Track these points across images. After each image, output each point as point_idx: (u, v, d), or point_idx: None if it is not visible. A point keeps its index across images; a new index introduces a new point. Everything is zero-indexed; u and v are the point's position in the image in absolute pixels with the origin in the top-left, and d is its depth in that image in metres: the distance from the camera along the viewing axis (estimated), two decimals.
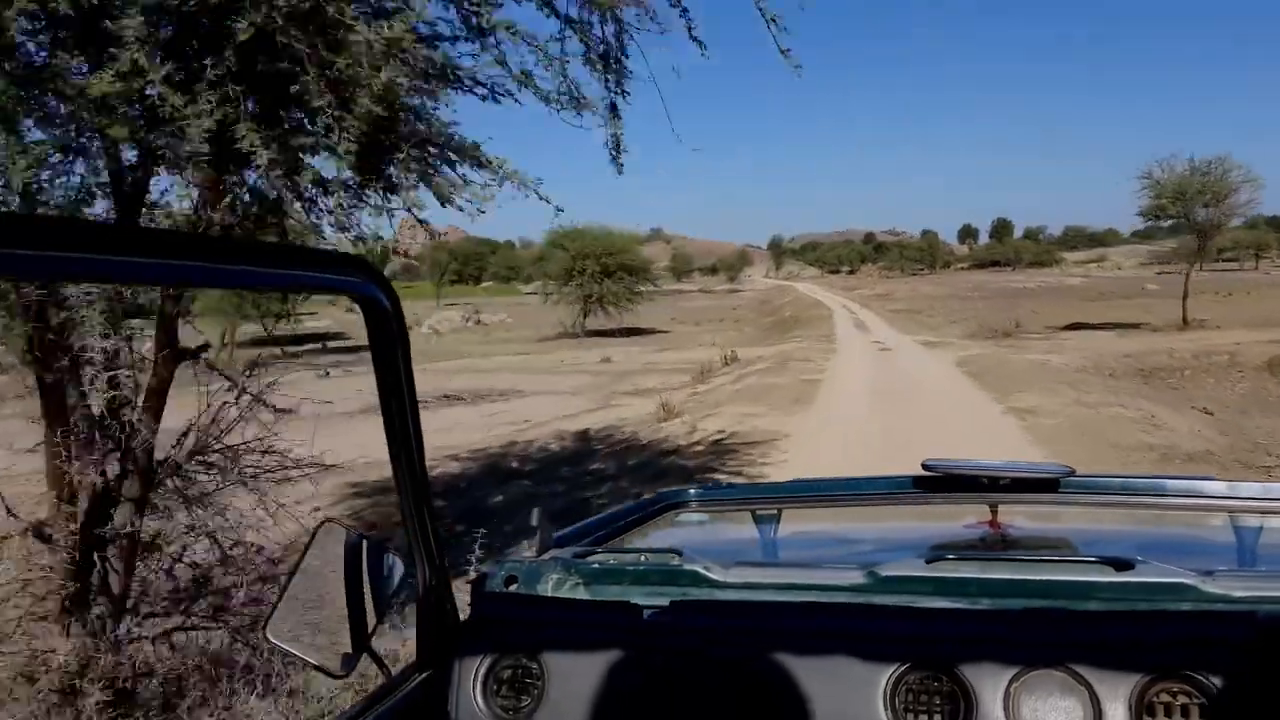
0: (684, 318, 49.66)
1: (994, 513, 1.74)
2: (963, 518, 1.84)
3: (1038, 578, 1.26)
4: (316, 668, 1.23)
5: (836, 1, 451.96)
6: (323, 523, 1.28)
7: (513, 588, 1.44)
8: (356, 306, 0.99)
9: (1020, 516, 1.81)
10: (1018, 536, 1.72)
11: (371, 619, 1.25)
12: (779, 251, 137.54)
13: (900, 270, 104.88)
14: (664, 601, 1.31)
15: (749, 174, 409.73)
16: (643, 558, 1.49)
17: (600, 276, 33.20)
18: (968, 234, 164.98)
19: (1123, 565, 1.22)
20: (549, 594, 1.43)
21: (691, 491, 1.99)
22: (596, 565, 1.48)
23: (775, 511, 1.84)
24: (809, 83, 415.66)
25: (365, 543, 1.28)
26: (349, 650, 1.22)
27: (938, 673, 1.12)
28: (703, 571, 1.39)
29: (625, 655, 1.23)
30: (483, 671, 1.28)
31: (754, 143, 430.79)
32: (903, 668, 1.13)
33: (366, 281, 0.96)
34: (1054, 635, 1.12)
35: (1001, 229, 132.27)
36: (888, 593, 1.29)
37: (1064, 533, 1.86)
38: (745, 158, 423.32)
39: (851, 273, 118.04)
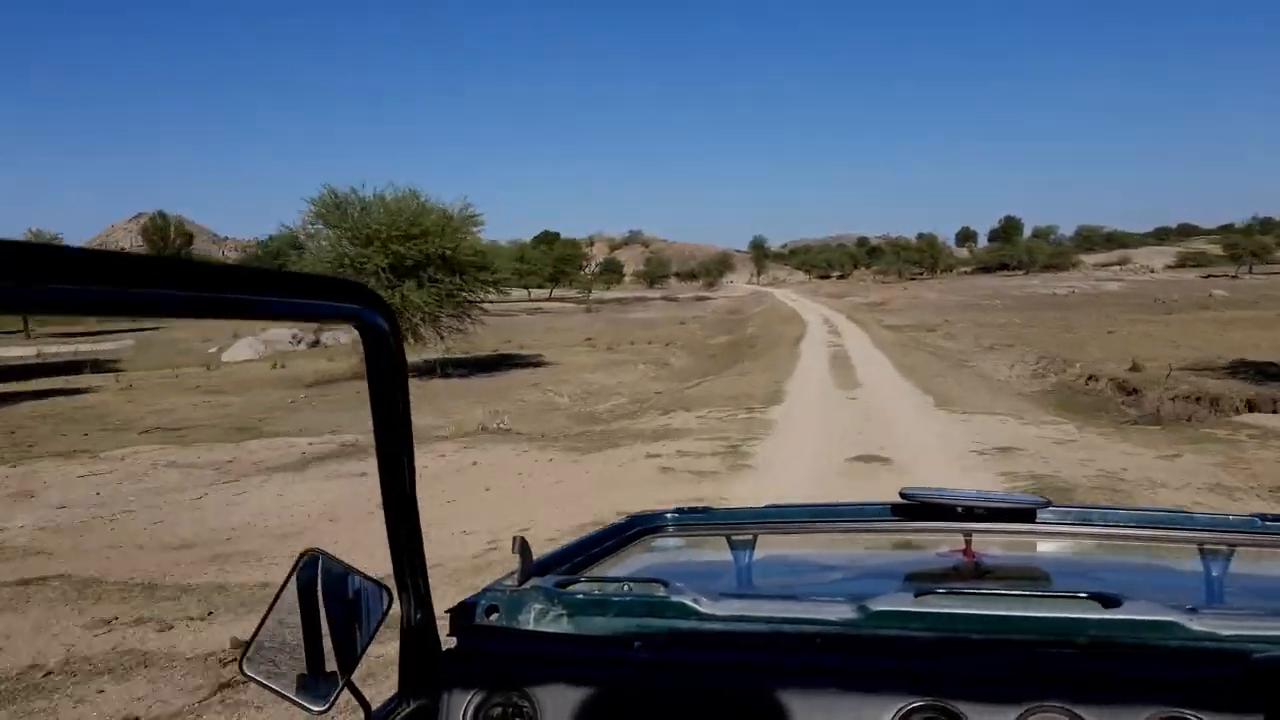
0: (607, 337, 36.02)
1: (968, 542, 1.70)
2: (936, 545, 1.79)
3: (1028, 614, 1.22)
4: (294, 702, 1.16)
5: (837, 8, 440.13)
6: (305, 553, 1.22)
7: (493, 618, 1.38)
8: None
9: (993, 546, 1.76)
10: (992, 565, 1.69)
11: (352, 651, 1.20)
12: (761, 254, 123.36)
13: (898, 274, 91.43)
14: (650, 634, 1.30)
15: (740, 177, 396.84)
16: (626, 587, 1.44)
17: (392, 276, 19.05)
18: (967, 237, 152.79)
19: (1110, 602, 1.20)
20: (532, 625, 1.37)
21: (668, 515, 1.93)
22: (581, 596, 1.40)
23: (751, 537, 1.79)
24: (800, 86, 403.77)
25: (348, 573, 1.24)
26: (328, 684, 1.17)
27: (941, 712, 1.12)
28: (690, 604, 1.32)
29: (619, 692, 1.22)
30: (471, 709, 1.26)
31: (744, 144, 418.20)
32: (907, 706, 1.12)
33: (365, 307, 0.96)
34: (1052, 673, 1.12)
35: (1009, 228, 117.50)
36: (878, 627, 1.25)
37: (1037, 563, 1.81)
38: (735, 160, 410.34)
39: (842, 277, 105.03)
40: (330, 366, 23.81)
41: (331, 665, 1.17)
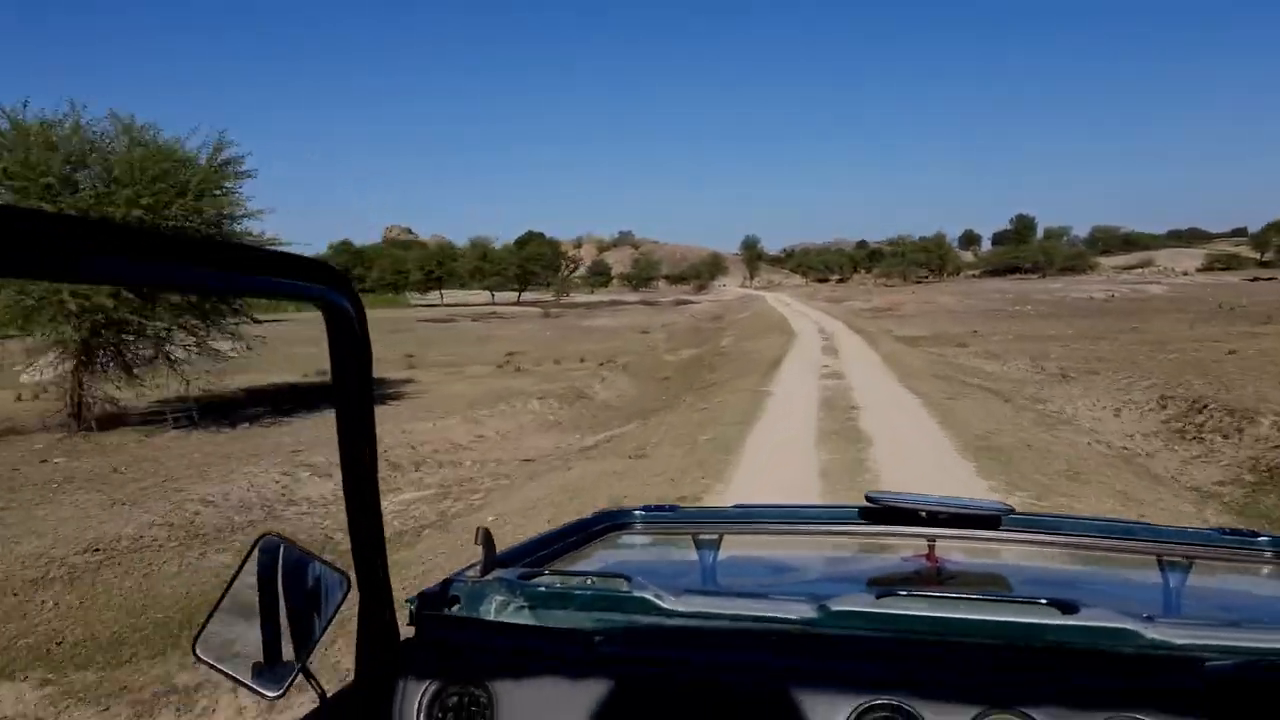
0: (542, 351, 27.95)
1: (931, 547, 1.69)
2: (899, 549, 1.77)
3: (987, 618, 1.22)
4: (248, 687, 1.15)
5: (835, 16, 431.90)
6: (262, 536, 1.20)
7: (454, 608, 1.36)
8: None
9: (956, 552, 1.74)
10: (954, 571, 1.67)
11: (309, 637, 1.18)
12: (754, 255, 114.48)
13: (902, 277, 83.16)
14: (612, 628, 1.28)
15: (736, 182, 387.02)
16: (589, 581, 1.41)
17: None
18: (970, 240, 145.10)
19: (1068, 608, 1.21)
20: (493, 616, 1.35)
21: (636, 512, 1.94)
22: (543, 589, 1.37)
23: (717, 536, 1.77)
24: (798, 90, 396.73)
25: (305, 558, 1.22)
26: (283, 669, 1.15)
27: (897, 711, 1.12)
28: (652, 599, 1.30)
29: (577, 686, 1.20)
30: (427, 698, 1.24)
31: (741, 148, 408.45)
32: (862, 706, 1.12)
33: (330, 287, 0.94)
34: (1008, 678, 1.13)
35: (1023, 228, 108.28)
36: (838, 627, 1.24)
37: (998, 569, 1.80)
38: (731, 163, 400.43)
39: (841, 281, 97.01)
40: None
41: (287, 651, 1.14)
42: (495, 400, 16.13)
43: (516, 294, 73.27)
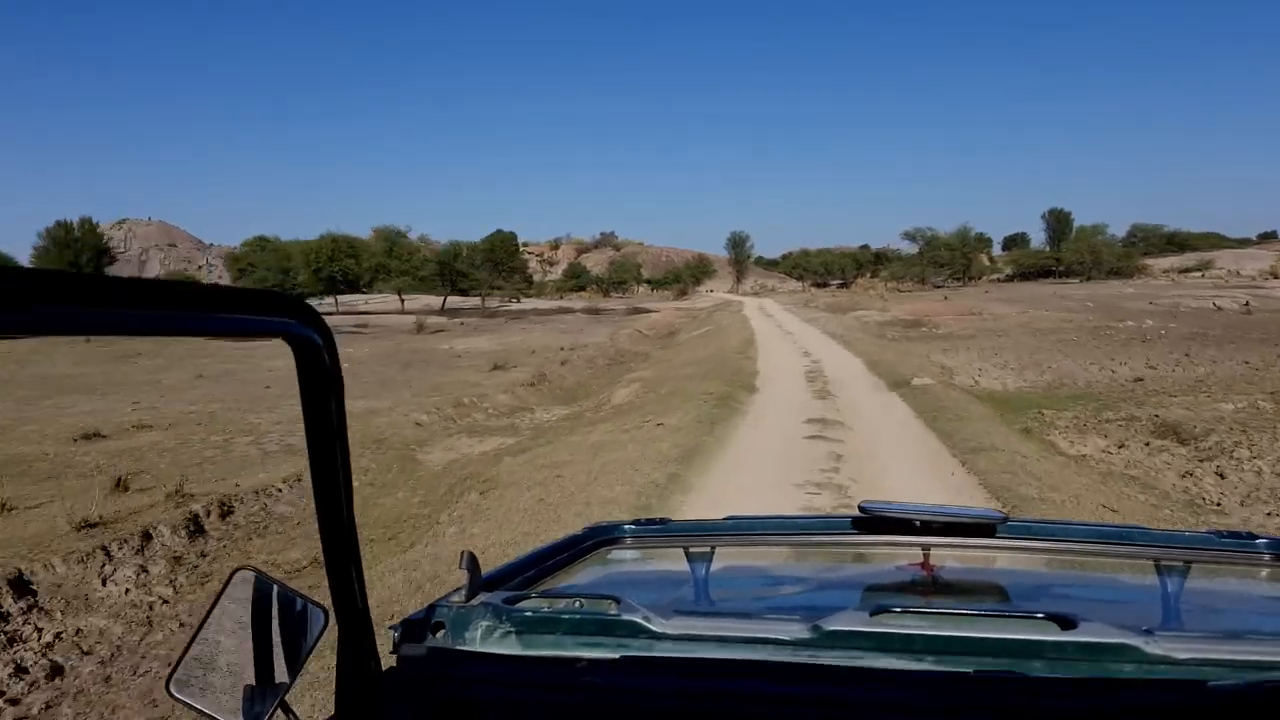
0: (232, 416, 12.47)
1: (926, 555, 1.67)
2: (894, 558, 1.75)
3: (984, 635, 1.19)
4: None
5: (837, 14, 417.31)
6: (237, 569, 1.20)
7: (439, 635, 1.33)
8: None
9: (950, 559, 1.72)
10: (950, 580, 1.67)
11: (287, 672, 1.17)
12: (742, 255, 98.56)
13: (921, 281, 67.82)
14: (601, 654, 1.26)
15: (731, 185, 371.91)
16: (578, 604, 1.38)
17: None
18: (982, 243, 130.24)
19: (1066, 623, 1.18)
20: (478, 644, 1.32)
21: (626, 527, 1.89)
22: (530, 613, 1.35)
23: (709, 549, 1.75)
24: (799, 94, 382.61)
25: (282, 591, 1.21)
26: (262, 705, 1.13)
27: None
28: (641, 622, 1.28)
29: (564, 717, 1.20)
30: None
31: (738, 150, 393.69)
32: None
33: (299, 321, 0.94)
34: (1009, 705, 1.11)
35: (1060, 225, 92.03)
36: (831, 648, 1.23)
37: (994, 578, 1.79)
38: (727, 163, 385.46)
39: (843, 285, 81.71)
40: None
41: (265, 686, 1.12)
42: None
43: (442, 300, 58.04)
